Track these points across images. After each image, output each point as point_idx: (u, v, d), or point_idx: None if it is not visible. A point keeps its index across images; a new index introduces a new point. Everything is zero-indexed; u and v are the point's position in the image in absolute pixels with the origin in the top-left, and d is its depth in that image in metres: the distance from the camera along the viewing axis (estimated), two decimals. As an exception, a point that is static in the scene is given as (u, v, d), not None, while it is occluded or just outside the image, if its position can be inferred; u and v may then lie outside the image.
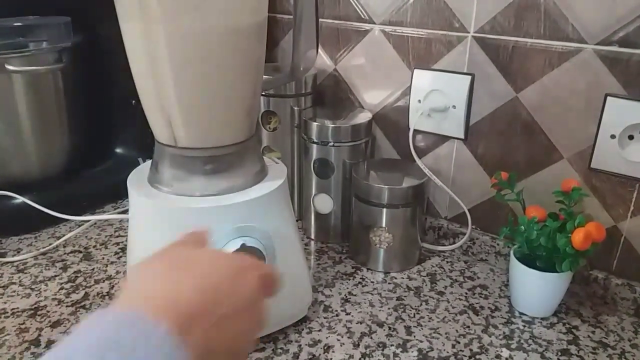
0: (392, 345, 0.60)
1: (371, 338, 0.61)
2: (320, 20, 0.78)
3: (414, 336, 0.62)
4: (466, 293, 0.70)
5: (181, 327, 0.27)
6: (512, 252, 0.66)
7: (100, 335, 0.25)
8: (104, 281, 0.71)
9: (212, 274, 0.33)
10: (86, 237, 0.82)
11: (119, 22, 0.51)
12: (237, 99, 0.54)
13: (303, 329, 0.63)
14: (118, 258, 0.77)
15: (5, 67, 0.77)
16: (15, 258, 0.76)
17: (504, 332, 0.63)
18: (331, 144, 0.77)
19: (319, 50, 0.85)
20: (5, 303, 0.66)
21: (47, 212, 0.78)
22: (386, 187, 0.71)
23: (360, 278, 0.74)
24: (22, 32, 0.82)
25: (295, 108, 0.83)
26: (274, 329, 0.61)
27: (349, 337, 0.61)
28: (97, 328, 0.26)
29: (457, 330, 0.63)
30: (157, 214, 0.54)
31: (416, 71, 0.76)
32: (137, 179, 0.59)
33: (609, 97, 0.62)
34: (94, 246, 0.80)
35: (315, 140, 0.78)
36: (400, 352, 0.59)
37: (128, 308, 0.27)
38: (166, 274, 0.32)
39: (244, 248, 0.53)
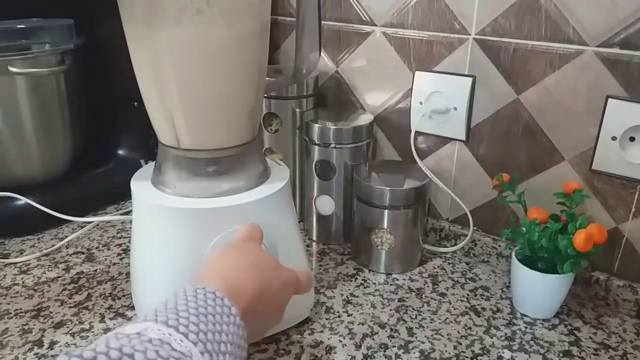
0: (394, 346, 0.60)
1: (373, 339, 0.62)
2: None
3: (416, 337, 0.62)
4: (468, 294, 0.71)
5: (242, 313, 0.39)
6: (513, 254, 0.66)
7: (197, 305, 0.36)
8: (106, 282, 0.71)
9: (269, 282, 0.44)
10: (89, 238, 0.82)
11: (123, 25, 0.51)
12: (240, 100, 0.54)
13: (305, 330, 0.63)
14: (120, 259, 0.77)
15: (8, 69, 0.77)
16: (19, 259, 0.76)
17: (505, 334, 0.63)
18: (333, 145, 0.77)
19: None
20: (8, 304, 0.66)
21: (49, 214, 0.79)
22: (388, 188, 0.71)
23: (362, 279, 0.74)
24: (24, 34, 0.82)
25: (297, 110, 0.83)
26: (276, 330, 0.61)
27: (350, 339, 0.62)
28: (195, 300, 0.37)
29: (458, 332, 0.63)
30: (160, 214, 0.55)
31: (417, 73, 0.77)
32: (140, 180, 0.59)
33: (610, 99, 0.62)
34: (97, 247, 0.80)
35: (316, 142, 0.78)
36: (402, 353, 0.59)
37: (214, 289, 0.38)
38: (239, 269, 0.43)
39: None
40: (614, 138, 0.63)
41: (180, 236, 0.54)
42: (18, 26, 0.81)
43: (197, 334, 0.34)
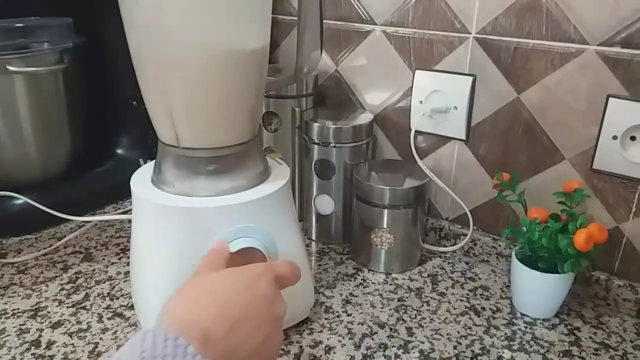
0: (393, 346, 0.60)
1: (372, 339, 0.61)
2: (321, 21, 0.78)
3: (416, 337, 0.62)
4: (467, 294, 0.70)
5: (204, 347, 0.35)
6: (513, 253, 0.66)
7: (148, 347, 0.33)
8: (104, 282, 0.71)
9: (230, 300, 0.41)
10: (87, 238, 0.82)
11: (123, 24, 0.51)
12: (241, 100, 0.54)
13: (304, 330, 0.62)
14: (119, 259, 0.76)
15: (6, 68, 0.77)
16: (16, 259, 0.75)
17: (505, 333, 0.63)
18: (332, 144, 0.77)
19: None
20: (5, 304, 0.66)
21: (48, 213, 0.78)
22: (387, 188, 0.71)
23: (362, 279, 0.74)
24: (23, 33, 0.82)
25: (297, 109, 0.83)
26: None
27: (350, 338, 0.61)
28: (145, 342, 0.34)
29: (458, 332, 0.63)
30: (160, 213, 0.54)
31: (417, 72, 0.76)
32: (140, 179, 0.59)
33: (611, 98, 0.62)
34: (95, 247, 0.80)
35: (316, 141, 0.78)
36: (402, 353, 0.59)
37: (168, 329, 0.35)
38: (194, 303, 0.40)
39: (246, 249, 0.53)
40: (614, 137, 0.62)
41: (180, 235, 0.53)
42: (16, 25, 0.81)
43: None
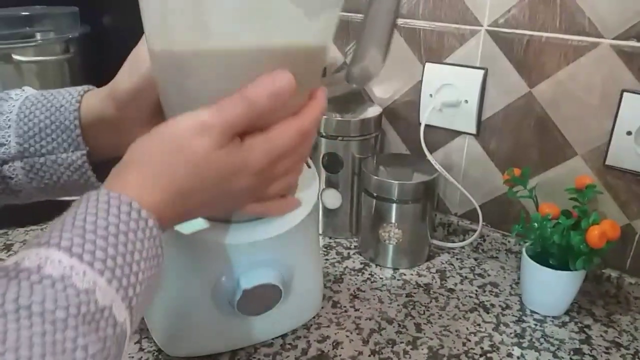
0: (402, 342, 0.60)
1: (380, 335, 0.61)
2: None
3: (424, 333, 0.61)
4: (476, 290, 0.70)
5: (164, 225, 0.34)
6: (524, 250, 0.65)
7: (107, 223, 0.31)
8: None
9: (195, 194, 0.36)
10: (92, 229, 0.81)
11: (142, 16, 0.48)
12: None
13: (312, 325, 0.62)
14: (124, 251, 0.76)
15: (12, 57, 0.76)
16: (21, 250, 0.75)
17: (515, 331, 0.62)
18: (340, 138, 0.76)
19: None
20: (11, 295, 0.66)
21: (54, 203, 0.78)
22: (396, 182, 0.70)
23: (369, 274, 0.73)
24: (29, 22, 0.81)
25: (304, 101, 0.82)
26: (284, 331, 0.60)
27: (358, 334, 0.61)
28: (106, 216, 0.31)
29: (467, 328, 0.62)
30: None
31: (428, 65, 0.75)
32: None
33: (625, 93, 0.61)
34: (100, 239, 0.79)
35: (323, 134, 0.77)
36: (410, 349, 0.58)
37: (131, 199, 0.32)
38: (161, 168, 0.35)
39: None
40: (629, 133, 0.61)
41: (187, 263, 0.52)
42: (22, 13, 0.81)
43: (104, 262, 0.29)
